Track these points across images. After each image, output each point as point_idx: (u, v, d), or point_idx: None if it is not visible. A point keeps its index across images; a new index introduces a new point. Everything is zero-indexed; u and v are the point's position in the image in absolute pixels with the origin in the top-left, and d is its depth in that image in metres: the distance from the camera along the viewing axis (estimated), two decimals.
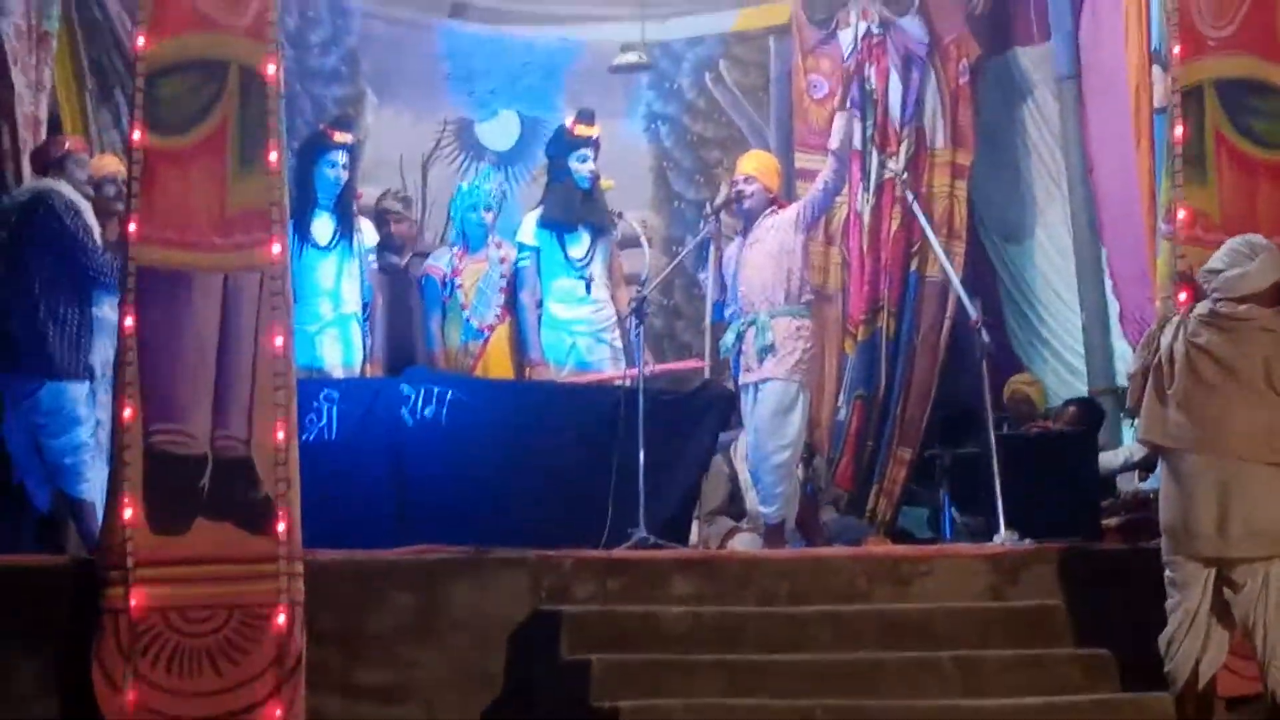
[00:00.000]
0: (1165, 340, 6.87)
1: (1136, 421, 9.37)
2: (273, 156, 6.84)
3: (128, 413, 6.57)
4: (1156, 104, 8.77)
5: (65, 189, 7.91)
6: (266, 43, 6.92)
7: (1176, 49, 7.71)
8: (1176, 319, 6.93)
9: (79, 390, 7.73)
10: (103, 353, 7.75)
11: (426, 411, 8.11)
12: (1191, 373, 6.75)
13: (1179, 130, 7.64)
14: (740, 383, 8.95)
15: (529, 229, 9.54)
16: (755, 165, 9.18)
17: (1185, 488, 6.71)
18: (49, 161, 8.11)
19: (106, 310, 7.75)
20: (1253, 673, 6.86)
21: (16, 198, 8.02)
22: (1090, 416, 10.09)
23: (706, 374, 9.54)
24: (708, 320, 9.67)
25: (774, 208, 9.01)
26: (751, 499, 9.34)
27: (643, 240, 9.95)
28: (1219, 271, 6.80)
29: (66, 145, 8.23)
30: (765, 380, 8.78)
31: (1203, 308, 6.84)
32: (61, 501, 7.75)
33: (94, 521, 7.15)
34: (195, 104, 6.82)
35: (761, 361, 8.79)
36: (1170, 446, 6.82)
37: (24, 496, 7.91)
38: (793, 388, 8.76)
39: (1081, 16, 11.00)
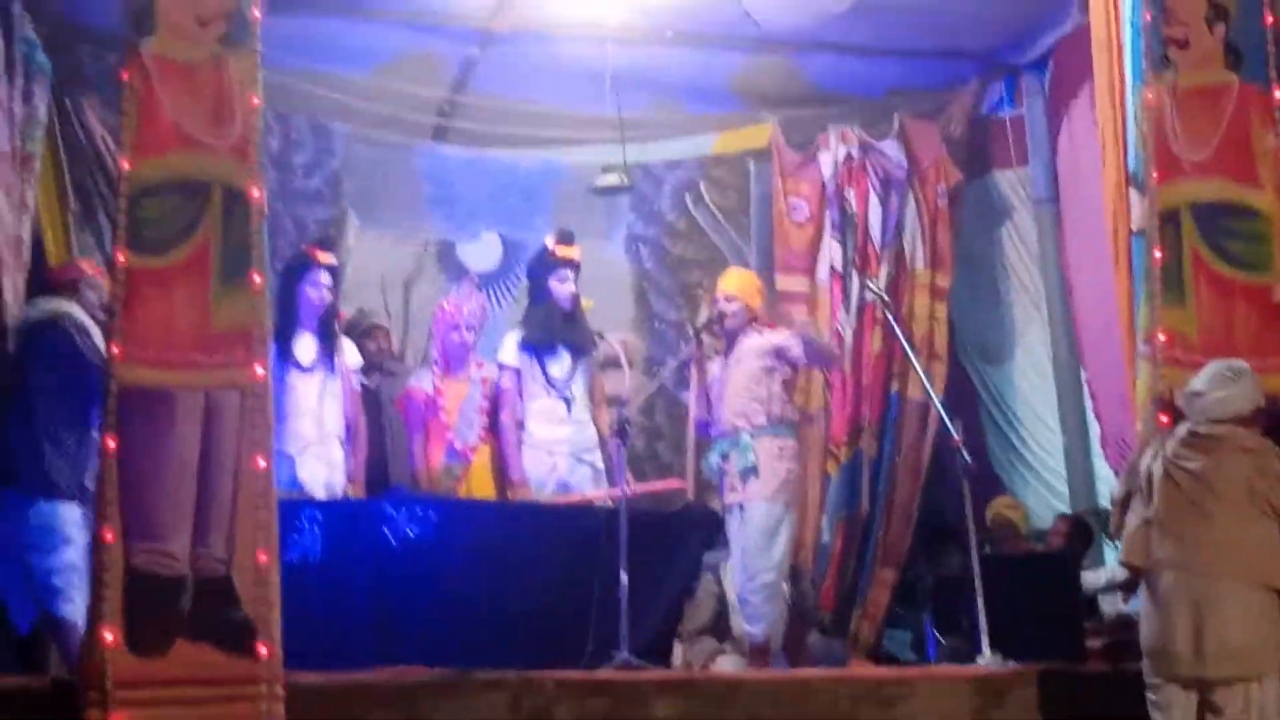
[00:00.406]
0: (1145, 462, 6.91)
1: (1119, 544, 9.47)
2: (256, 276, 6.86)
3: (108, 532, 6.53)
4: (1134, 227, 8.80)
5: (77, 311, 7.94)
6: (249, 163, 6.96)
7: (1153, 173, 7.79)
8: (1156, 442, 6.96)
9: (72, 511, 7.69)
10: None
11: (410, 531, 8.08)
12: (1170, 492, 6.79)
13: (1157, 253, 7.70)
14: (726, 503, 8.95)
15: (510, 349, 9.56)
16: (736, 284, 9.22)
17: (1163, 608, 6.73)
18: (62, 283, 8.16)
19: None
20: None
21: (29, 316, 8.01)
22: (1081, 534, 10.11)
23: (690, 494, 9.53)
24: (690, 440, 9.68)
25: (756, 326, 9.03)
26: (738, 621, 9.30)
27: (623, 360, 9.97)
28: (1201, 394, 6.84)
29: (81, 268, 8.28)
30: (751, 501, 8.77)
31: (1181, 429, 6.88)
32: (46, 621, 7.68)
33: (77, 642, 7.08)
34: (178, 224, 6.84)
35: (745, 482, 8.80)
36: (1149, 568, 6.83)
37: (5, 615, 7.83)
38: (778, 509, 8.77)
39: (1059, 140, 11.11)
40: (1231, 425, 6.77)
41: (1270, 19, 7.98)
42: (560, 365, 9.53)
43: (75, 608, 7.42)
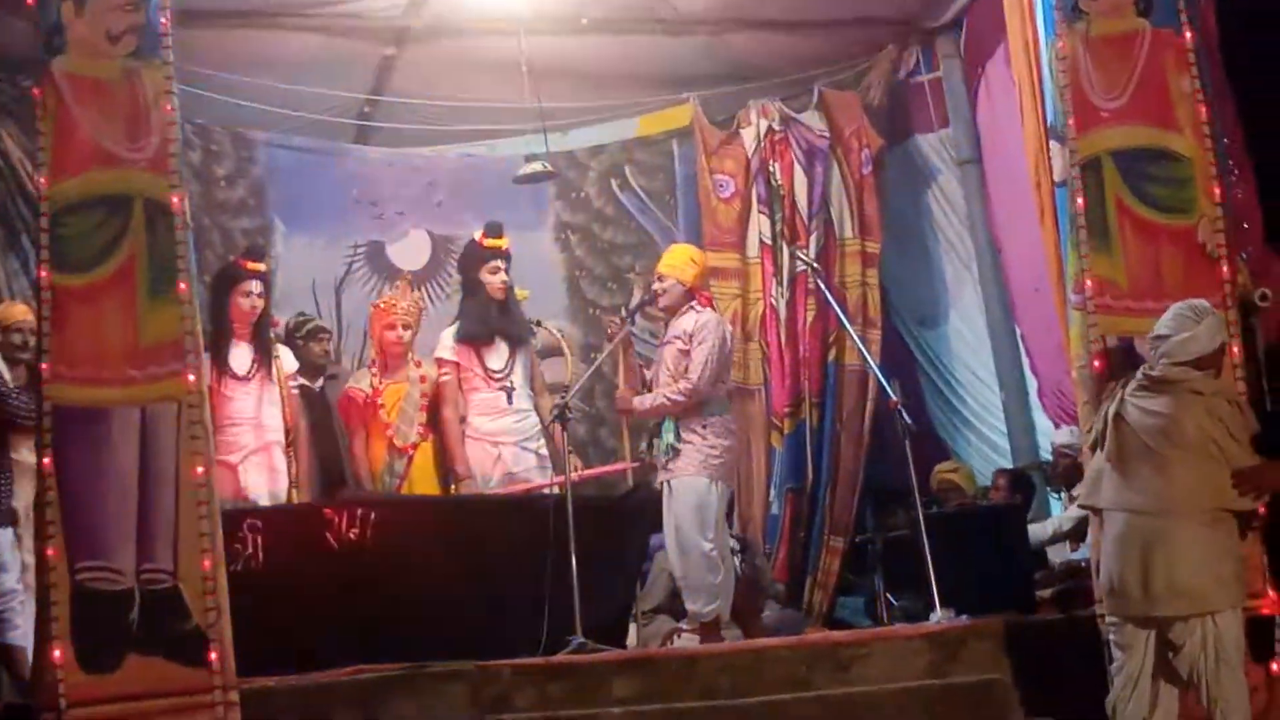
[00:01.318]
0: (1105, 406, 6.97)
1: (1065, 493, 9.53)
2: (182, 286, 6.83)
3: (51, 552, 6.50)
4: (1057, 178, 8.86)
5: None
6: (169, 174, 6.93)
7: (1072, 123, 7.82)
8: (1118, 385, 7.02)
9: (3, 536, 7.66)
10: (24, 496, 7.70)
11: (351, 534, 8.05)
12: (1124, 435, 6.85)
13: (1080, 202, 7.74)
14: (660, 481, 8.96)
15: (447, 344, 9.55)
16: (668, 262, 9.21)
17: (1116, 548, 6.79)
18: None
19: (25, 454, 7.72)
20: None
21: None
22: (1022, 487, 10.17)
23: (629, 477, 9.55)
24: (624, 422, 9.70)
25: (693, 305, 9.02)
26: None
27: (563, 347, 10.00)
28: (1166, 337, 6.88)
29: None
30: (676, 477, 8.79)
31: (1139, 374, 6.94)
32: None
33: (26, 667, 7.06)
34: (101, 240, 6.81)
35: (669, 460, 8.81)
36: (1102, 506, 6.89)
37: None
38: (703, 482, 8.74)
39: (978, 100, 11.20)
40: (1185, 368, 6.81)
41: None
42: (499, 356, 9.53)
43: (21, 632, 7.40)
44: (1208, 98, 7.91)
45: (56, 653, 6.41)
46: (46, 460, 6.59)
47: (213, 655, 6.54)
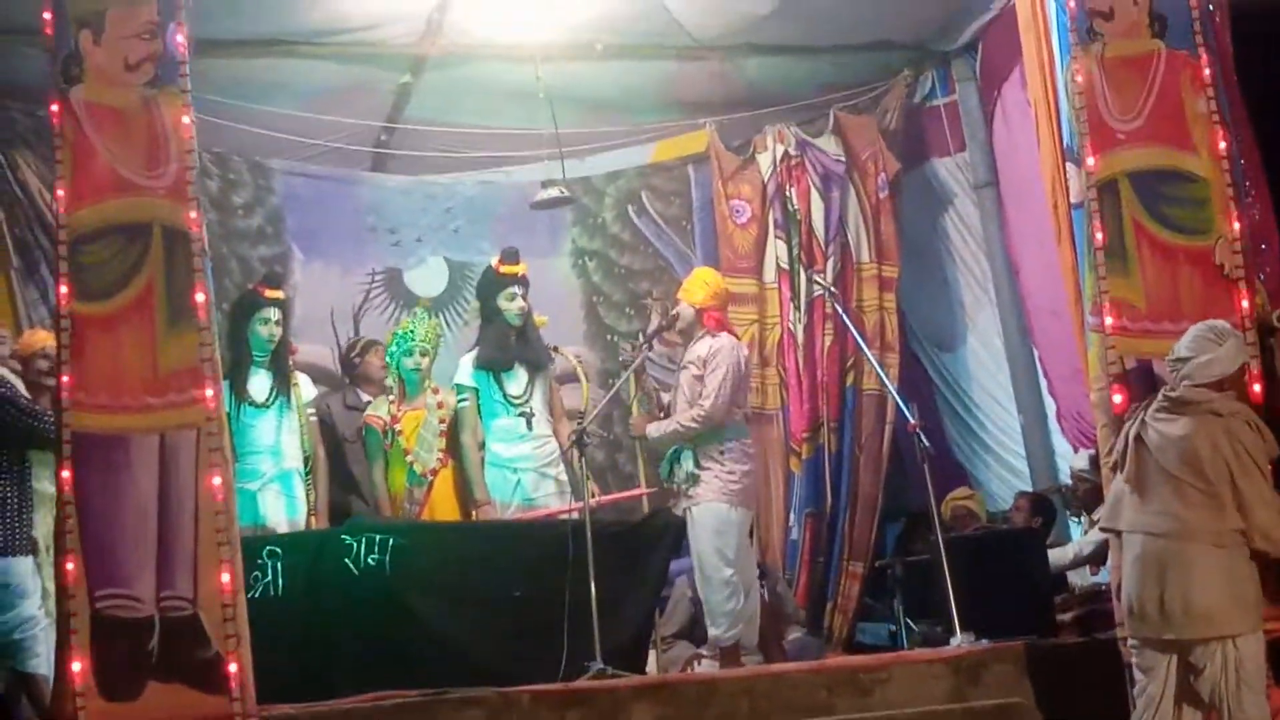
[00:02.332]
0: (1126, 427, 6.97)
1: (1085, 517, 9.50)
2: (201, 312, 6.84)
3: (72, 579, 6.50)
4: (1073, 200, 8.85)
5: None
6: (187, 201, 6.95)
7: (1088, 146, 7.82)
8: (1139, 407, 7.01)
9: (24, 564, 7.67)
10: (44, 525, 7.70)
11: (370, 560, 8.05)
12: (1142, 456, 6.84)
13: (1097, 224, 7.74)
14: (682, 508, 8.96)
15: (466, 371, 9.56)
16: (685, 286, 9.24)
17: (1134, 571, 6.78)
18: None
19: (45, 483, 7.72)
20: None
21: None
22: (1042, 510, 10.15)
23: (644, 504, 9.54)
24: (639, 448, 9.70)
25: (708, 329, 9.02)
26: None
27: (580, 374, 10.00)
28: (1187, 359, 6.87)
29: None
30: (697, 504, 8.79)
31: (1160, 396, 6.92)
32: (13, 677, 7.65)
33: (48, 694, 7.04)
34: (120, 267, 6.83)
35: (691, 488, 8.81)
36: (1122, 529, 6.88)
37: None
38: (723, 508, 8.76)
39: (994, 123, 11.20)
40: (1205, 389, 6.80)
41: None
42: (517, 382, 9.53)
43: (40, 660, 7.40)
44: (1224, 119, 7.92)
45: (78, 680, 6.41)
46: (67, 488, 6.59)
47: (233, 682, 6.53)
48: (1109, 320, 7.62)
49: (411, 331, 9.70)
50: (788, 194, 11.19)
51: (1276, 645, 7.03)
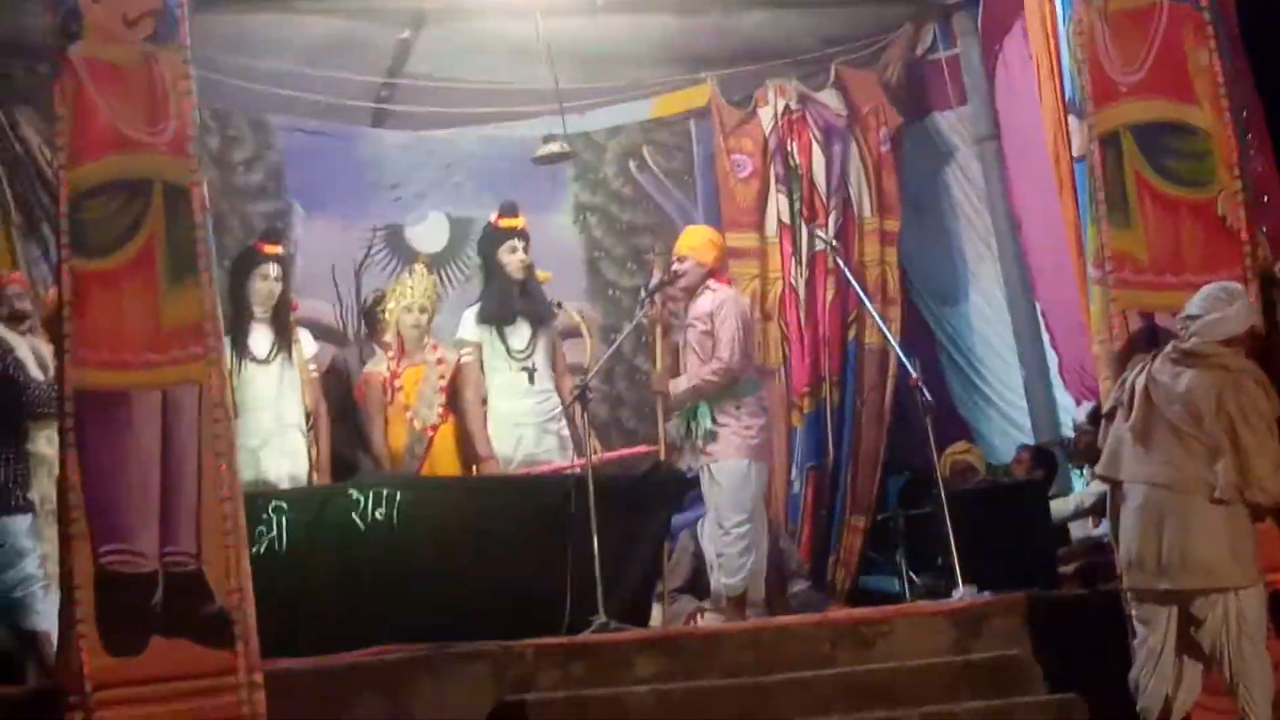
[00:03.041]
0: (1130, 377, 6.97)
1: (1087, 469, 9.51)
2: (202, 269, 6.82)
3: (75, 537, 6.49)
4: (1076, 153, 8.84)
5: None
6: (188, 158, 6.90)
7: (1090, 98, 7.80)
8: (1144, 357, 7.01)
9: (21, 523, 7.66)
10: (40, 488, 7.71)
11: (377, 514, 8.05)
12: (1147, 407, 6.84)
13: (1099, 177, 7.73)
14: (698, 465, 8.97)
15: (468, 325, 9.56)
16: (687, 243, 9.21)
17: (1134, 521, 6.79)
18: None
19: (42, 445, 7.71)
20: (1225, 707, 6.88)
21: None
22: (1044, 462, 10.16)
23: (661, 456, 9.54)
24: (660, 404, 9.69)
25: (711, 284, 9.02)
26: (716, 578, 9.31)
27: (583, 329, 10.00)
28: (1197, 317, 6.88)
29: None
30: (715, 461, 8.80)
31: (1169, 347, 6.93)
32: (16, 635, 7.66)
33: (51, 650, 7.05)
34: (121, 224, 6.77)
35: (708, 444, 8.81)
36: (1123, 479, 6.89)
37: None
38: (743, 464, 8.77)
39: (996, 76, 11.18)
40: (1217, 344, 6.81)
41: None
42: (520, 337, 9.53)
43: (42, 617, 7.41)
44: (1226, 71, 7.90)
45: (82, 637, 6.41)
46: (69, 444, 6.59)
47: (237, 637, 6.54)
48: (1111, 273, 7.61)
49: (411, 287, 9.70)
50: (789, 148, 11.17)
51: (1277, 598, 7.06)
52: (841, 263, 10.17)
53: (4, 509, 7.63)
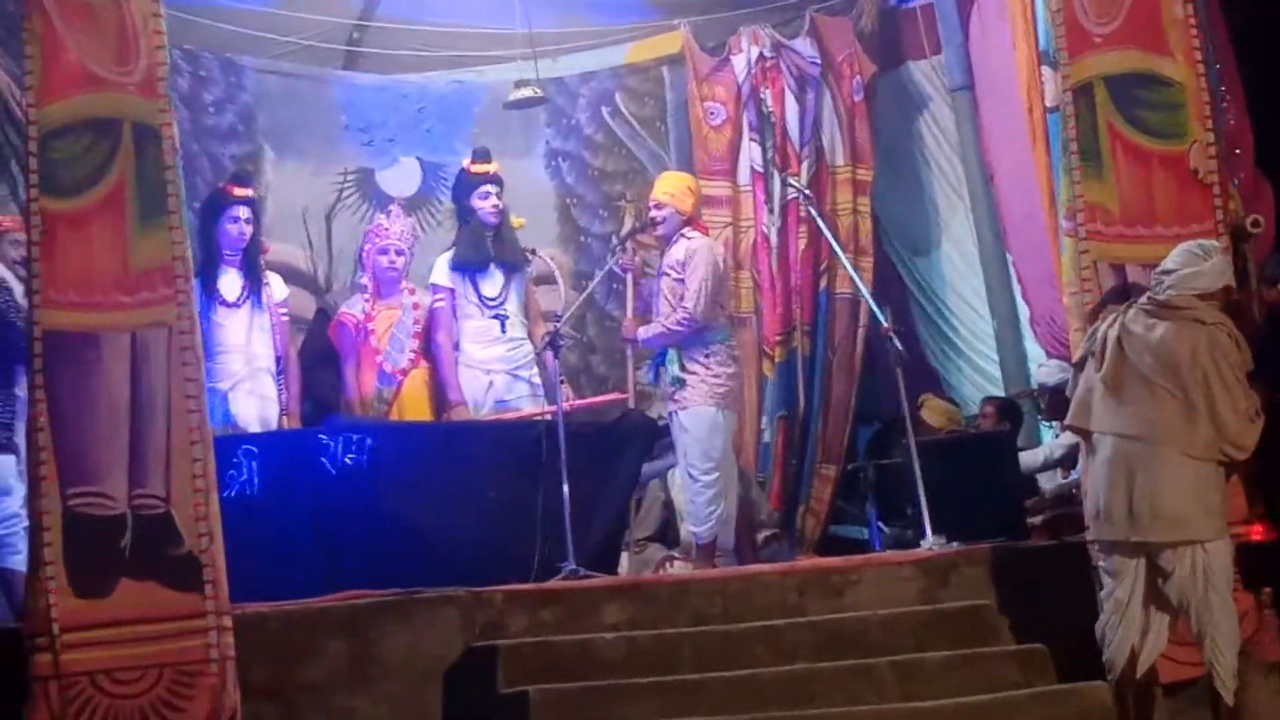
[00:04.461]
0: (1102, 328, 6.97)
1: (1059, 423, 9.53)
2: (172, 211, 6.79)
3: (43, 478, 6.49)
4: (1049, 104, 8.84)
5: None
6: (158, 98, 6.87)
7: (1064, 48, 7.78)
8: (1116, 309, 7.02)
9: (6, 462, 7.63)
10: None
11: (347, 459, 8.06)
12: (1120, 359, 6.86)
13: (1072, 128, 7.72)
14: (666, 413, 8.97)
15: (441, 271, 9.56)
16: (664, 188, 9.17)
17: (1104, 472, 6.81)
18: None
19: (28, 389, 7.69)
20: (1191, 658, 6.95)
21: None
22: (1010, 414, 10.18)
23: (631, 404, 9.54)
24: (629, 351, 9.68)
25: (687, 230, 9.00)
26: (685, 527, 9.34)
27: (557, 276, 9.98)
28: (1172, 271, 6.89)
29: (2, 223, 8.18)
30: (684, 408, 8.80)
31: (1144, 299, 6.93)
32: None
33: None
34: (90, 164, 6.75)
35: (676, 392, 8.81)
36: (1093, 430, 6.90)
37: None
38: (710, 411, 8.76)
39: (970, 27, 11.13)
40: (1192, 297, 6.82)
41: None
42: (493, 284, 9.54)
43: (21, 558, 7.37)
44: (1200, 22, 7.88)
45: (49, 578, 6.40)
46: (38, 385, 6.57)
47: (206, 580, 6.54)
48: (1083, 224, 7.61)
49: (387, 229, 9.68)
50: (762, 96, 11.12)
51: (1244, 550, 7.10)
52: (814, 211, 10.14)
53: None
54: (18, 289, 7.79)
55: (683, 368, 8.78)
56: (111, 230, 6.73)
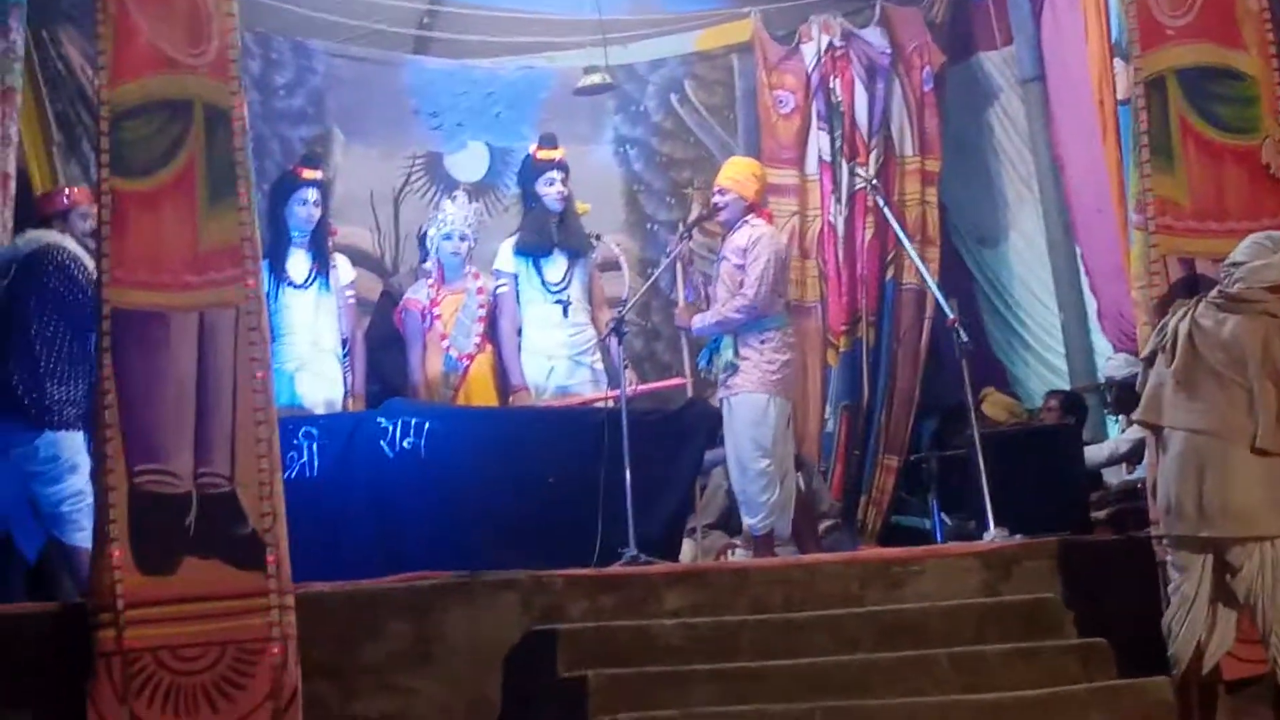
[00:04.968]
0: (1172, 322, 6.92)
1: (1125, 418, 9.48)
2: (242, 192, 6.82)
3: (110, 455, 6.54)
4: (1120, 96, 8.80)
5: (69, 243, 7.87)
6: (229, 80, 6.90)
7: (1137, 41, 7.73)
8: (1186, 302, 6.97)
9: (76, 438, 7.66)
10: None
11: (405, 443, 8.10)
12: (1191, 353, 6.80)
13: (1143, 120, 7.66)
14: (720, 398, 8.97)
15: (506, 256, 9.58)
16: (728, 174, 9.18)
17: (1174, 468, 6.76)
18: (53, 214, 8.11)
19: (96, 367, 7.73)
20: (1255, 655, 6.89)
21: (20, 249, 7.90)
22: (1073, 408, 10.13)
23: (689, 392, 9.54)
24: (685, 339, 9.69)
25: (750, 217, 8.99)
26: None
27: (622, 262, 9.98)
28: (1241, 264, 6.84)
29: (73, 197, 8.23)
30: (735, 394, 8.79)
31: (1213, 292, 6.88)
32: (56, 551, 7.68)
33: (88, 567, 7.09)
34: (161, 145, 6.78)
35: (729, 377, 8.81)
36: (1164, 425, 6.85)
37: (11, 549, 7.83)
38: (761, 399, 8.75)
39: (1042, 18, 11.09)
40: (1263, 290, 6.76)
41: None
42: (556, 269, 9.55)
43: (86, 534, 7.42)
44: (1274, 16, 7.81)
45: (115, 554, 6.44)
46: (106, 364, 6.62)
47: (269, 559, 6.56)
48: (1152, 218, 7.55)
49: (452, 215, 9.70)
50: (832, 85, 11.09)
51: None
52: (881, 201, 10.12)
53: (62, 424, 7.62)
54: (87, 260, 7.84)
55: (737, 353, 8.78)
56: (181, 211, 6.77)
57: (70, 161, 9.62)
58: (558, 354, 9.46)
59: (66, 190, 8.47)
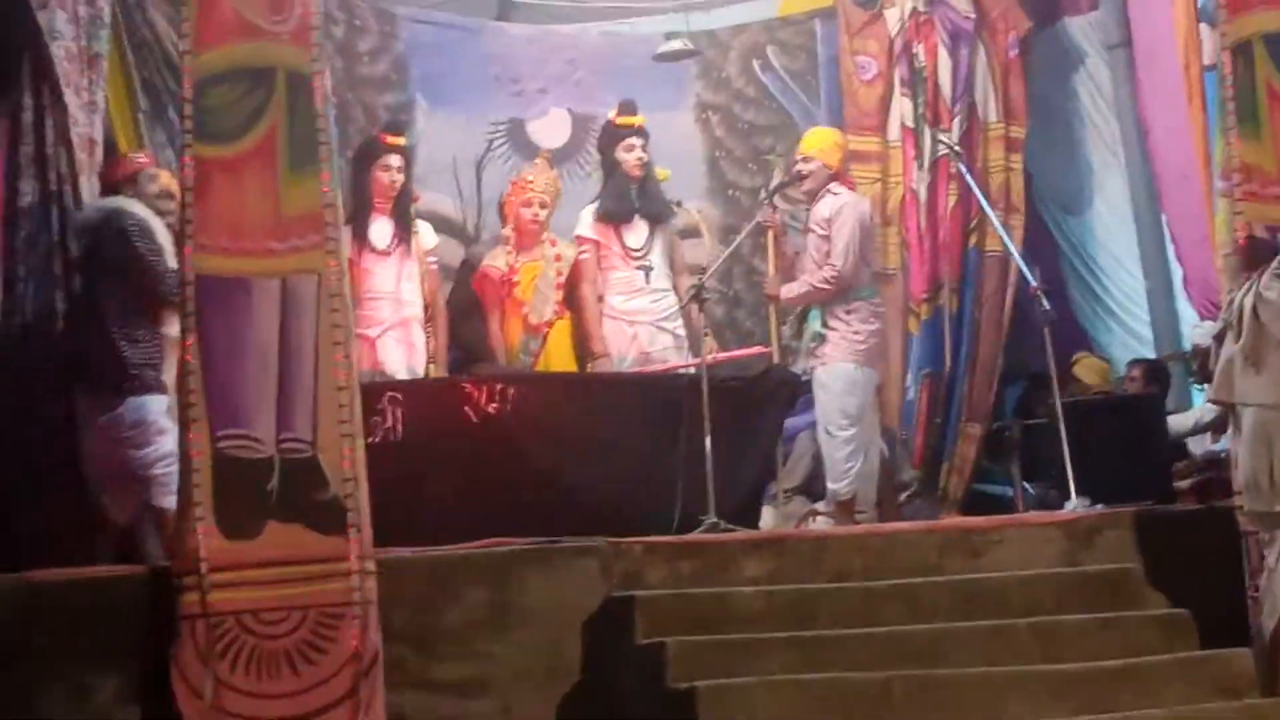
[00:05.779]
0: (1239, 297, 6.86)
1: (1208, 385, 9.40)
2: (324, 159, 6.86)
3: (194, 420, 6.61)
4: (1206, 62, 8.70)
5: (137, 207, 7.91)
6: (311, 47, 6.95)
7: (1223, 5, 7.64)
8: (1252, 276, 6.90)
9: (160, 402, 7.73)
10: (172, 371, 7.78)
11: (490, 408, 8.11)
12: (1257, 326, 6.73)
13: (1229, 86, 7.58)
14: (808, 369, 8.97)
15: (586, 222, 9.60)
16: (813, 144, 9.20)
17: (1246, 443, 6.69)
18: (121, 178, 8.16)
19: (173, 328, 7.79)
20: None
21: (89, 216, 7.97)
22: (1157, 377, 10.05)
23: (774, 359, 9.51)
24: (773, 309, 9.65)
25: (834, 187, 8.97)
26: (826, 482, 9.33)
27: (702, 229, 9.98)
28: None
29: (138, 161, 8.30)
30: (824, 364, 8.79)
31: (1276, 263, 6.81)
32: (147, 512, 7.77)
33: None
34: (244, 111, 6.85)
35: (817, 348, 8.80)
36: (1235, 402, 6.79)
37: (101, 514, 7.91)
38: (849, 368, 8.78)
39: None
40: None
41: None
42: (637, 235, 9.57)
43: (174, 498, 7.49)
44: None
45: (199, 519, 6.52)
46: (189, 328, 6.69)
47: (350, 524, 6.62)
48: (1238, 185, 7.47)
49: (531, 181, 9.71)
50: (915, 51, 11.01)
51: None
52: (964, 168, 10.06)
53: (144, 388, 7.70)
54: (159, 231, 7.89)
55: (824, 324, 8.79)
56: (263, 177, 6.83)
57: (155, 128, 9.65)
58: (640, 320, 9.48)
59: (132, 155, 8.51)
